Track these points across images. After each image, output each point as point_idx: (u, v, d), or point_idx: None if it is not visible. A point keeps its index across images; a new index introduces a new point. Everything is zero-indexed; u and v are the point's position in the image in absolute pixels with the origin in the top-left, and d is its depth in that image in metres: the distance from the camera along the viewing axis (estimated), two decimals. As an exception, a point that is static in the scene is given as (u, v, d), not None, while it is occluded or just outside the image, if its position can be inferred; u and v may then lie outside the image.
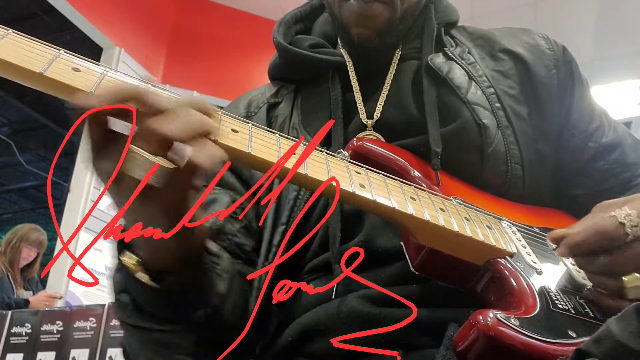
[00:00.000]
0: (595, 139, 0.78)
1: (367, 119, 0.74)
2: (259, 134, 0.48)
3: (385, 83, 0.77)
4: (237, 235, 0.70)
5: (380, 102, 0.75)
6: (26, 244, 3.47)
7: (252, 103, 0.83)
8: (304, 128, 0.75)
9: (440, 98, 0.72)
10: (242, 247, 0.70)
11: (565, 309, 0.52)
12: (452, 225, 0.54)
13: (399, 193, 0.54)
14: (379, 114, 0.74)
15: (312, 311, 0.64)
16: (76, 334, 1.63)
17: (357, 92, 0.77)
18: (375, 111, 0.74)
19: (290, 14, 0.88)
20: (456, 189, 0.66)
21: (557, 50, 0.80)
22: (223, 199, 0.72)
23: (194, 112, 0.42)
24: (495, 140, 0.70)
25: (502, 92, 0.74)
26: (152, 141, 0.40)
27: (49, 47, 0.42)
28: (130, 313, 0.54)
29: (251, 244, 0.71)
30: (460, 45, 0.81)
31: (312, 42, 0.83)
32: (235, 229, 0.70)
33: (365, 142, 0.67)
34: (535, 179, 0.73)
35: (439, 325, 0.55)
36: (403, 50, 0.79)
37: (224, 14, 4.49)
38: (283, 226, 0.68)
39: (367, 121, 0.74)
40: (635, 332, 0.37)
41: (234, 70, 4.30)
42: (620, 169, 0.77)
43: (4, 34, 0.40)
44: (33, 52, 0.40)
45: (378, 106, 0.75)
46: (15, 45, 0.40)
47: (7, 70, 0.39)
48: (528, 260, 0.57)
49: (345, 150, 0.65)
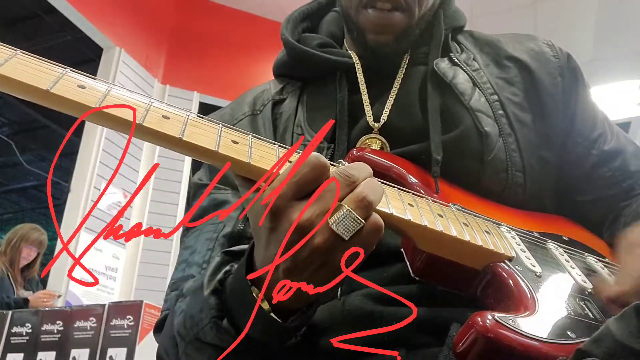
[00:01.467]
0: (598, 146, 0.79)
1: (373, 122, 0.74)
2: (258, 144, 0.49)
3: (394, 87, 0.77)
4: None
5: (388, 105, 0.75)
6: (26, 244, 3.48)
7: (257, 101, 0.83)
8: (309, 126, 0.76)
9: (444, 104, 0.72)
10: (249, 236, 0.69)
11: (565, 310, 0.52)
12: (451, 230, 0.54)
13: (397, 200, 0.54)
14: (385, 117, 0.74)
15: None
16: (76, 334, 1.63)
17: (364, 95, 0.77)
18: (382, 114, 0.74)
19: (297, 11, 0.88)
20: (455, 196, 0.66)
21: (562, 58, 0.81)
22: (232, 200, 0.72)
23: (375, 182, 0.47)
24: (496, 147, 0.70)
25: (505, 99, 0.75)
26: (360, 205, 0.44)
27: (56, 65, 0.44)
28: (227, 337, 0.53)
29: None
30: (465, 51, 0.81)
31: (320, 41, 0.83)
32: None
33: (365, 152, 0.68)
34: (538, 186, 0.73)
35: (440, 324, 0.55)
36: (412, 55, 0.80)
37: (224, 14, 4.49)
38: None
39: (373, 124, 0.74)
40: (634, 331, 0.37)
41: (234, 70, 4.31)
42: (622, 176, 0.78)
43: (12, 54, 0.42)
44: (40, 70, 0.42)
45: (385, 109, 0.74)
46: (23, 64, 0.42)
47: (16, 88, 0.41)
48: (527, 264, 0.58)
49: (346, 160, 0.65)
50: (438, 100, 0.72)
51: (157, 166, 2.61)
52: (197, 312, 0.56)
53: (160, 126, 0.44)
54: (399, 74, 0.78)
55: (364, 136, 0.73)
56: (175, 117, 0.46)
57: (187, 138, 0.44)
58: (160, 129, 0.44)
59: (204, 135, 0.46)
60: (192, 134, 0.45)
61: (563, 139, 0.78)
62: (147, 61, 4.08)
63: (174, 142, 0.44)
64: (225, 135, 0.47)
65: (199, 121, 0.47)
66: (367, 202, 0.44)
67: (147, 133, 0.44)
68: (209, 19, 4.45)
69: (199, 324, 0.55)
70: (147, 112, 0.44)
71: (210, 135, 0.46)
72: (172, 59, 4.32)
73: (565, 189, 0.78)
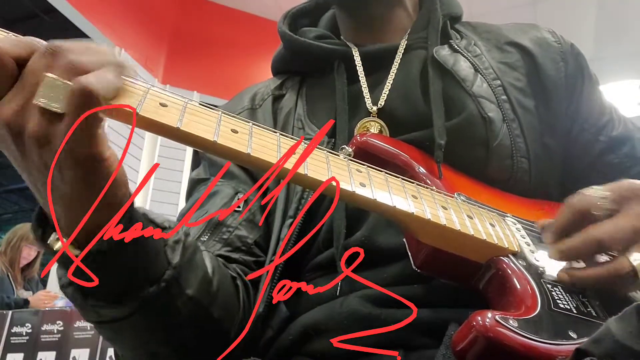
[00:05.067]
0: (605, 133, 0.78)
1: (372, 105, 0.74)
2: (259, 133, 0.48)
3: (391, 72, 0.76)
4: (238, 227, 0.69)
5: (385, 90, 0.75)
6: (26, 243, 3.46)
7: (257, 95, 0.83)
8: (309, 119, 0.75)
9: (446, 91, 0.72)
10: (244, 240, 0.69)
11: (567, 308, 0.52)
12: (454, 223, 0.54)
13: (401, 191, 0.53)
14: (383, 102, 0.74)
15: (313, 310, 0.64)
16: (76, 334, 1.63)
17: (362, 82, 0.77)
18: (380, 99, 0.74)
19: (296, 8, 0.88)
20: (460, 184, 0.66)
21: (564, 44, 0.80)
22: (225, 191, 0.72)
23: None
24: (501, 133, 0.70)
25: (508, 84, 0.74)
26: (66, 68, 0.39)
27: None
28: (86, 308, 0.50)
29: (254, 237, 0.70)
30: (465, 38, 0.80)
31: (318, 33, 0.83)
32: (237, 222, 0.70)
33: (369, 138, 0.67)
34: (542, 173, 0.72)
35: (439, 325, 0.55)
36: (409, 40, 0.79)
37: (224, 14, 4.49)
38: (290, 219, 0.68)
39: (372, 107, 0.74)
40: (635, 332, 0.37)
41: (234, 71, 4.30)
42: (630, 162, 0.77)
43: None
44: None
45: (382, 95, 0.74)
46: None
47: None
48: (531, 258, 0.57)
49: (349, 146, 0.65)
50: (440, 87, 0.72)
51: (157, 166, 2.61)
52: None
53: (158, 115, 0.43)
54: (395, 59, 0.78)
55: (363, 119, 0.73)
56: (173, 104, 0.45)
57: (185, 128, 0.43)
58: (158, 119, 0.43)
59: (202, 124, 0.45)
60: (190, 122, 0.44)
61: (568, 126, 0.77)
62: (147, 61, 4.07)
63: (172, 131, 0.43)
64: (224, 124, 0.46)
65: (198, 109, 0.46)
66: (72, 65, 0.39)
67: (143, 121, 0.42)
68: (209, 19, 4.45)
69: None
70: (143, 100, 0.43)
71: (208, 123, 0.45)
72: (172, 59, 4.31)
73: (572, 177, 0.77)
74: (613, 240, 0.53)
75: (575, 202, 0.56)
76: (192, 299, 0.54)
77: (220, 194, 0.72)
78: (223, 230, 0.68)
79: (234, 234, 0.69)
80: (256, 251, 0.70)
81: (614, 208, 0.54)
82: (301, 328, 0.64)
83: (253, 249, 0.70)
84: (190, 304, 0.53)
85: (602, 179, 0.76)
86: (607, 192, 0.55)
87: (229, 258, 0.67)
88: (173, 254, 0.51)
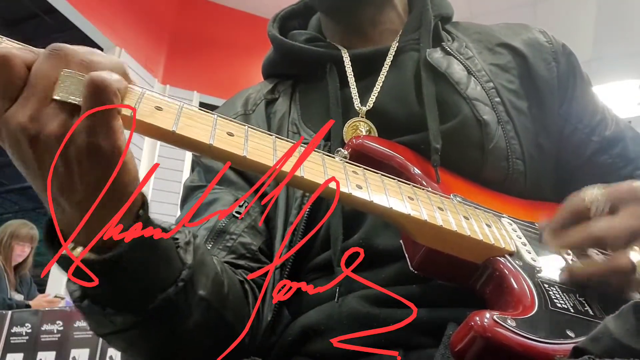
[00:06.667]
0: (598, 133, 0.78)
1: (360, 106, 0.74)
2: (255, 136, 0.48)
3: (381, 74, 0.76)
4: (242, 235, 0.69)
5: (375, 92, 0.75)
6: (17, 241, 3.37)
7: (249, 101, 0.83)
8: (304, 123, 0.75)
9: (440, 94, 0.72)
10: (248, 247, 0.69)
11: (565, 307, 0.52)
12: (451, 224, 0.54)
13: (397, 192, 0.54)
14: (372, 104, 0.73)
15: (313, 311, 0.64)
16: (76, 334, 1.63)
17: (352, 84, 0.77)
18: (369, 100, 0.74)
19: (285, 10, 0.88)
20: (457, 186, 0.66)
21: (555, 44, 0.80)
22: (225, 198, 0.72)
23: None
24: (496, 136, 0.70)
25: (501, 87, 0.74)
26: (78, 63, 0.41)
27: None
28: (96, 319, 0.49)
29: (258, 243, 0.70)
30: (457, 40, 0.80)
31: (308, 36, 0.83)
32: (240, 229, 0.69)
33: (364, 140, 0.67)
34: (537, 174, 0.72)
35: (439, 325, 0.55)
36: (401, 42, 0.79)
37: (224, 15, 4.49)
38: (292, 224, 0.68)
39: (360, 108, 0.74)
40: (632, 329, 0.37)
41: (234, 71, 4.30)
42: (622, 162, 0.77)
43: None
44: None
45: (371, 96, 0.74)
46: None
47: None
48: (527, 258, 0.57)
49: (345, 148, 0.65)
50: (433, 90, 0.72)
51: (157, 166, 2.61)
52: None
53: (153, 118, 0.43)
54: (386, 61, 0.77)
55: (350, 120, 0.73)
56: (169, 108, 0.44)
57: (180, 131, 0.43)
58: (153, 122, 0.43)
59: (198, 128, 0.44)
60: (185, 126, 0.44)
61: (561, 126, 0.77)
62: (147, 61, 4.07)
63: (167, 135, 0.43)
64: (220, 127, 0.46)
65: (194, 112, 0.46)
66: (85, 62, 0.41)
67: (138, 125, 0.43)
68: (209, 19, 4.45)
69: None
70: (139, 104, 0.43)
71: (204, 127, 0.45)
72: (172, 59, 4.31)
73: (564, 177, 0.77)
74: (612, 238, 0.53)
75: (576, 201, 0.57)
76: (205, 300, 0.53)
77: (221, 201, 0.71)
78: (227, 238, 0.68)
79: (237, 241, 0.68)
80: (261, 257, 0.70)
81: (613, 208, 0.55)
82: (301, 328, 0.64)
83: (258, 256, 0.69)
84: (203, 305, 0.53)
85: (594, 179, 0.77)
86: (607, 192, 0.56)
87: (235, 264, 0.67)
88: (186, 255, 0.51)
